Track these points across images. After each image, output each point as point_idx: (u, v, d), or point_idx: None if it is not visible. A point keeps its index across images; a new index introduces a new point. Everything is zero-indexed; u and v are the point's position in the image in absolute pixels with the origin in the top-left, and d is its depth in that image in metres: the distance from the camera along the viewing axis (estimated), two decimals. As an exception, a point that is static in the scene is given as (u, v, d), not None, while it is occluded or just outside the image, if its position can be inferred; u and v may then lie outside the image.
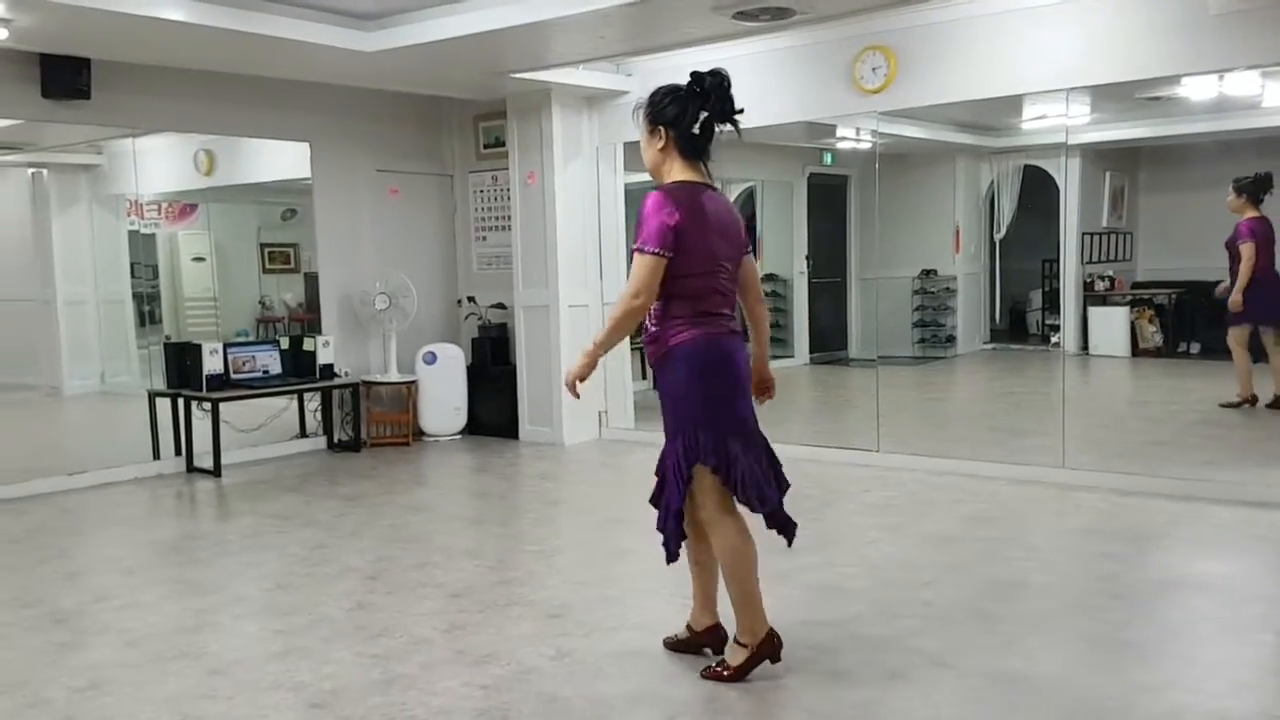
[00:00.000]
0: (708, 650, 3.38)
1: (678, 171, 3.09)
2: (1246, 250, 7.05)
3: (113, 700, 3.17)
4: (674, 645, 3.44)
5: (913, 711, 3.00)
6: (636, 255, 3.01)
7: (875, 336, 9.42)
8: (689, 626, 3.43)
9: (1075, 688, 3.13)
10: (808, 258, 10.60)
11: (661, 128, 3.10)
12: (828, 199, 10.72)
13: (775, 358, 10.59)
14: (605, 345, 3.12)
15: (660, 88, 3.14)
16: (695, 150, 3.09)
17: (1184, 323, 9.51)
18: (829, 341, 10.86)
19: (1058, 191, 8.75)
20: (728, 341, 3.11)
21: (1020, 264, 10.80)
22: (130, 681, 3.31)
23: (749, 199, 10.87)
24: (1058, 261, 9.82)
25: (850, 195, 10.80)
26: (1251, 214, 7.15)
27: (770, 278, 10.82)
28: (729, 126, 3.10)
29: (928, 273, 10.79)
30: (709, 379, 3.08)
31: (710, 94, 3.04)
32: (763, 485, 3.15)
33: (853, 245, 10.93)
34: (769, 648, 3.19)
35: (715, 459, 3.08)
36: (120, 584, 4.40)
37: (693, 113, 3.04)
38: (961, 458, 6.21)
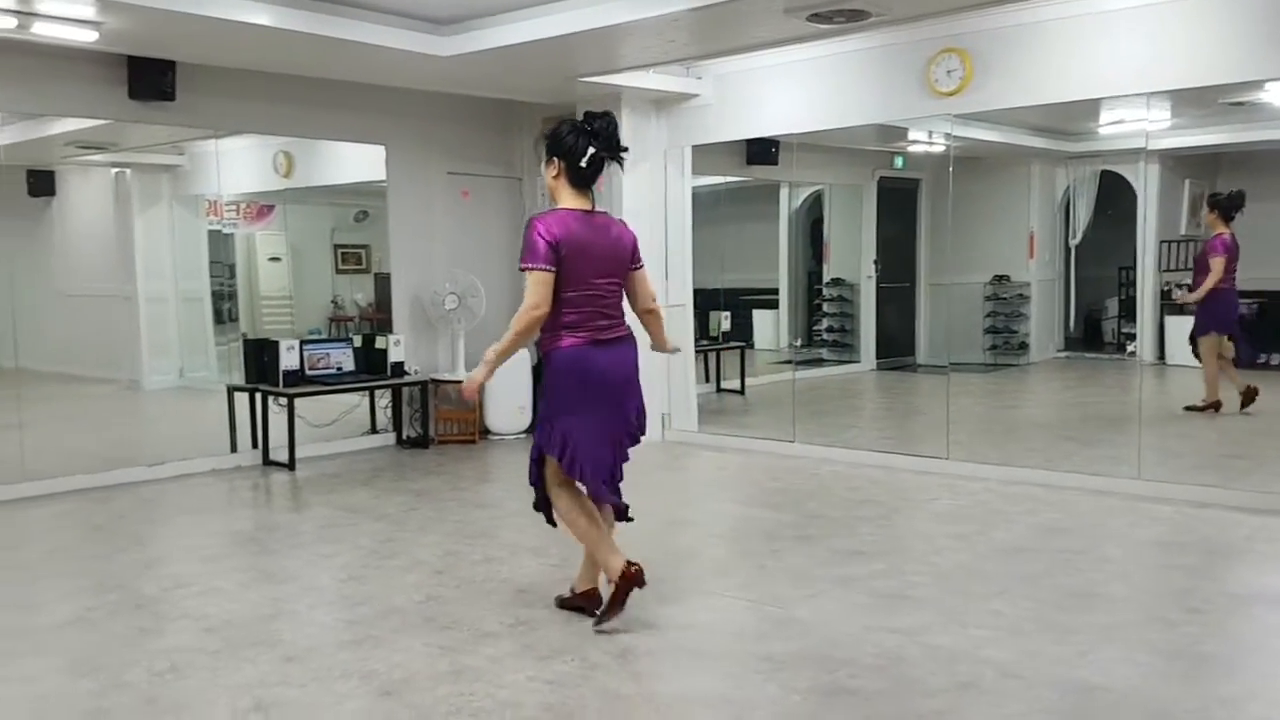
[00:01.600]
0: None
1: (566, 197, 3.57)
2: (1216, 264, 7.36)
3: (191, 684, 3.26)
4: (562, 603, 3.88)
5: (982, 721, 2.96)
6: (527, 274, 3.47)
7: (945, 343, 9.29)
8: (571, 588, 3.88)
9: (1150, 700, 3.06)
10: (876, 262, 10.50)
11: (555, 158, 3.56)
12: (898, 203, 10.60)
13: (842, 363, 10.65)
14: (505, 353, 3.61)
15: (560, 122, 3.59)
16: (581, 180, 3.56)
17: (1264, 333, 9.21)
18: (896, 347, 10.72)
19: (1135, 198, 8.53)
20: (593, 350, 3.59)
21: (1096, 271, 10.55)
22: (208, 667, 3.41)
23: (816, 202, 10.80)
24: (1134, 269, 9.57)
25: (921, 199, 10.66)
26: (1222, 230, 7.45)
27: (837, 282, 10.75)
28: (615, 163, 3.59)
29: (1000, 278, 10.60)
30: (570, 381, 3.60)
31: (599, 133, 3.50)
32: (600, 474, 3.70)
33: (923, 250, 10.78)
34: (631, 578, 3.60)
35: (558, 450, 3.62)
36: (198, 572, 4.53)
37: (581, 147, 3.49)
38: (1034, 467, 6.10)
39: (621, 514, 3.89)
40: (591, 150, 3.48)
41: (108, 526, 5.32)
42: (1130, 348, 9.65)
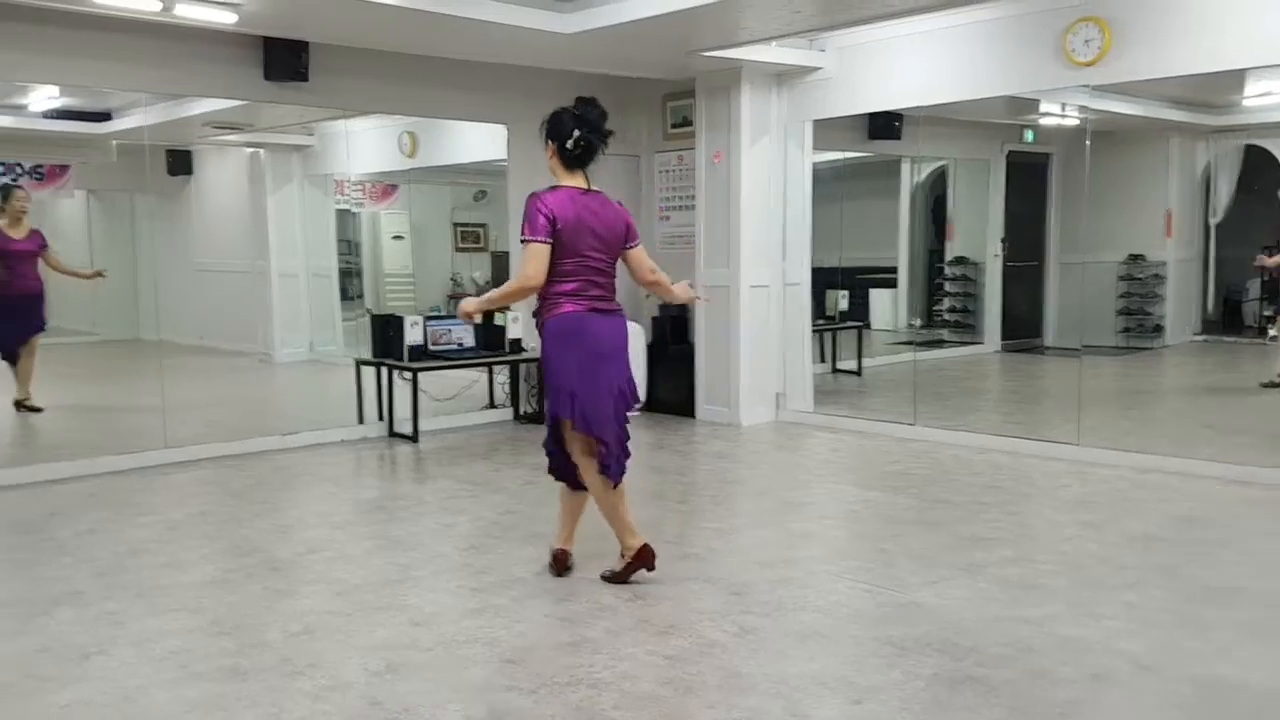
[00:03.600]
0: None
1: (562, 176, 3.86)
2: None
3: (325, 646, 3.39)
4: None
5: (1118, 715, 2.85)
6: (525, 245, 3.75)
7: (1078, 324, 8.93)
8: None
9: (1302, 704, 2.90)
10: (1003, 240, 10.16)
11: (550, 141, 3.87)
12: (1026, 178, 10.22)
13: (964, 344, 10.36)
14: (493, 303, 4.05)
15: (557, 110, 3.88)
16: (572, 161, 3.84)
17: None
18: (1023, 328, 10.38)
19: (1282, 174, 8.05)
20: (588, 317, 3.84)
21: (1237, 251, 9.98)
22: (340, 629, 3.54)
23: (939, 178, 10.50)
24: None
25: (1051, 174, 10.26)
26: None
27: (960, 260, 10.44)
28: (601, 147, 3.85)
29: (1135, 258, 10.15)
30: (570, 344, 3.84)
31: (585, 120, 3.81)
32: (605, 424, 3.87)
33: (1052, 227, 10.39)
34: (643, 559, 3.90)
35: (568, 410, 3.86)
36: (329, 538, 4.70)
37: (568, 131, 3.80)
38: (1169, 454, 5.83)
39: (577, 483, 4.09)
40: (577, 134, 3.78)
41: (245, 493, 5.56)
42: (1272, 331, 9.12)
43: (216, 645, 3.37)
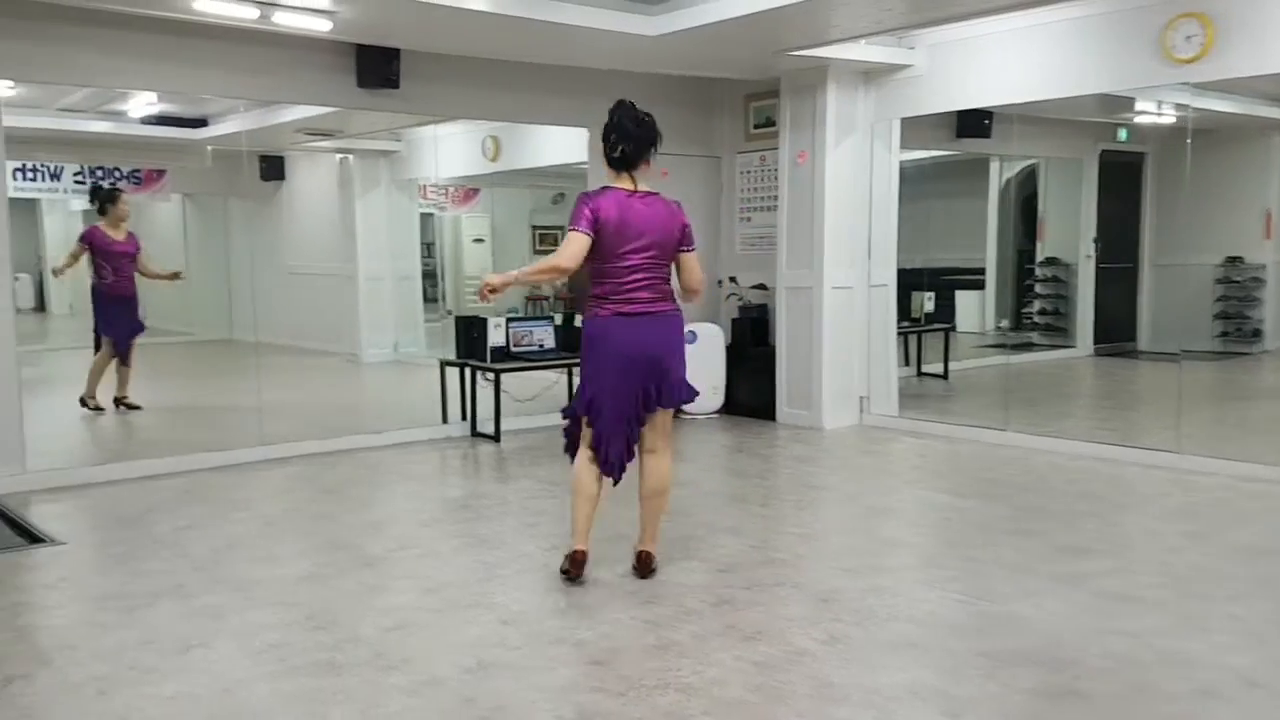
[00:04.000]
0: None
1: (610, 177, 3.95)
2: None
3: (417, 641, 3.43)
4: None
5: (1230, 735, 2.74)
6: (569, 233, 3.84)
7: (1175, 328, 8.64)
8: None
9: None
10: (1096, 241, 9.88)
11: (602, 144, 3.97)
12: (1119, 178, 9.92)
13: (1054, 347, 10.08)
14: (520, 280, 4.03)
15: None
16: (616, 164, 3.93)
17: None
18: (1116, 331, 10.08)
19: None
20: (617, 322, 3.90)
21: (1342, 253, 9.58)
22: (432, 625, 3.58)
23: (1029, 177, 10.26)
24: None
25: (1146, 174, 9.95)
26: None
27: (1051, 262, 10.18)
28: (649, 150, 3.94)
29: (1232, 260, 9.79)
30: (596, 350, 3.95)
31: (618, 126, 3.90)
32: (610, 428, 3.94)
33: (1147, 228, 10.07)
34: (570, 560, 3.98)
35: (584, 409, 3.97)
36: (418, 535, 4.77)
37: (610, 139, 3.91)
38: (1272, 463, 5.58)
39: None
40: (613, 137, 3.89)
41: (336, 490, 5.68)
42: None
43: (312, 639, 3.44)
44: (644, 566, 4.06)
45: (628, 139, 3.88)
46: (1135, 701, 2.93)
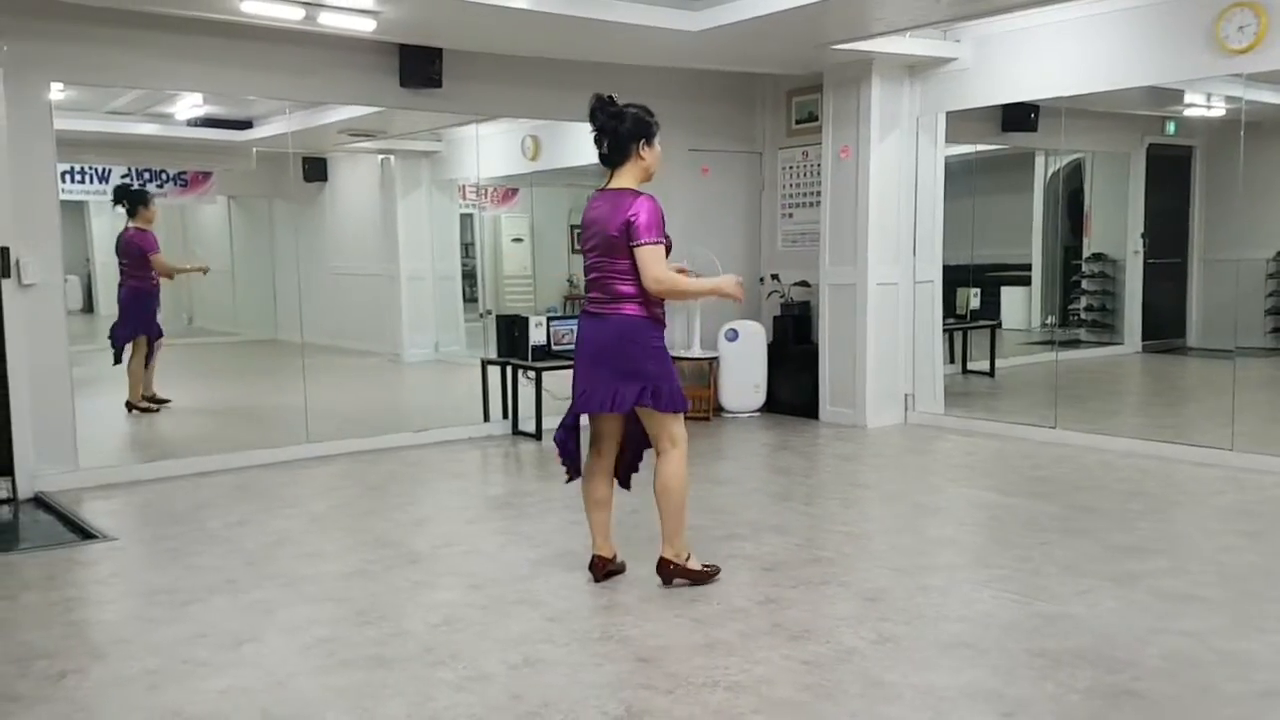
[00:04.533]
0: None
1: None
2: None
3: (464, 638, 3.44)
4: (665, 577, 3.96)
5: (1296, 739, 2.67)
6: None
7: (1226, 324, 8.43)
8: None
9: None
10: (1144, 236, 9.71)
11: None
12: (1168, 172, 9.74)
13: (1102, 344, 9.92)
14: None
15: None
16: (601, 160, 3.81)
17: None
18: (1165, 328, 9.89)
19: None
20: (583, 321, 3.89)
21: (1397, 246, 9.33)
22: (478, 621, 3.58)
23: (1075, 171, 10.09)
24: None
25: (1195, 167, 9.76)
26: None
27: (1098, 257, 10.02)
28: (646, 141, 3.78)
29: (1285, 255, 9.57)
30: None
31: (593, 120, 3.75)
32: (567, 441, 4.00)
33: (1196, 223, 9.87)
34: (592, 566, 4.02)
35: (572, 407, 3.98)
36: (463, 532, 4.78)
37: (594, 134, 3.78)
38: (1332, 462, 5.47)
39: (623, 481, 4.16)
40: (594, 134, 3.76)
41: (380, 487, 5.71)
42: None
43: (361, 634, 3.46)
44: (660, 572, 3.92)
45: (603, 134, 3.75)
46: (1195, 703, 2.86)
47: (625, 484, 4.15)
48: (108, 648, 3.41)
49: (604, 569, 3.99)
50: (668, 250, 3.77)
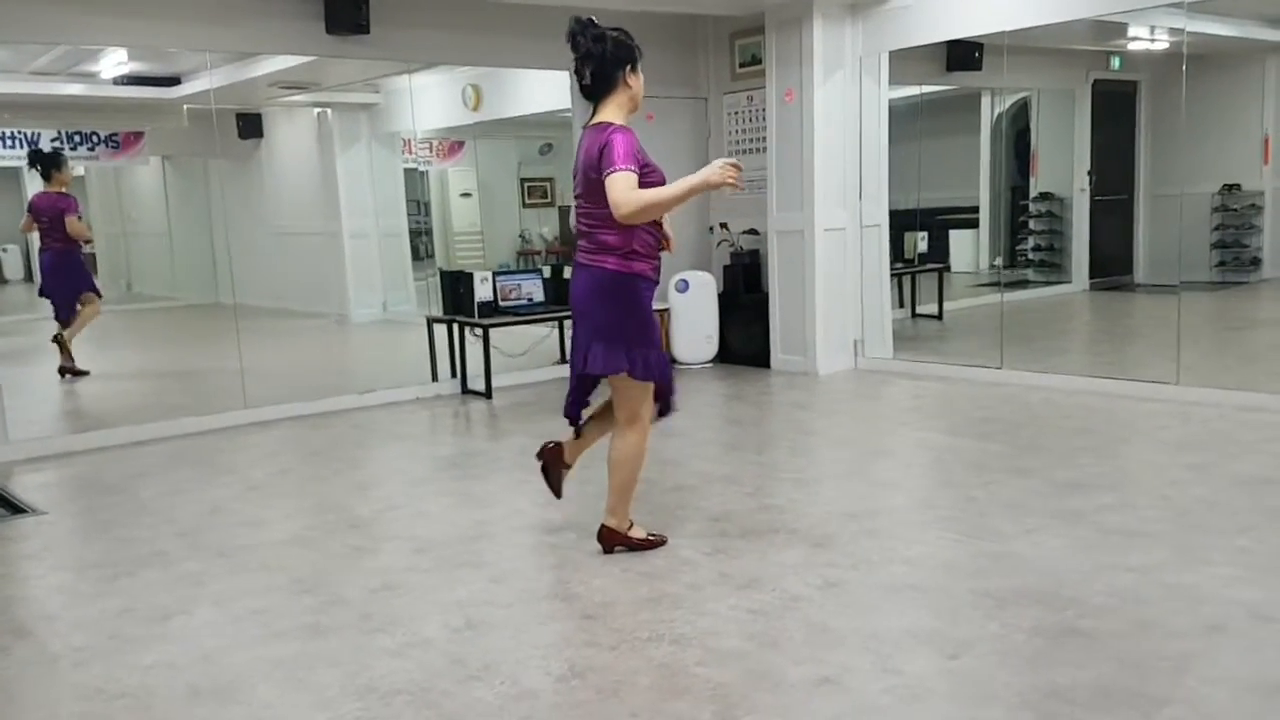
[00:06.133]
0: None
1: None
2: None
3: (404, 602, 3.36)
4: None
5: (1237, 668, 2.67)
6: None
7: (1173, 260, 8.50)
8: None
9: None
10: (1090, 173, 9.72)
11: None
12: (1113, 108, 9.75)
13: (1049, 284, 9.96)
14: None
15: None
16: (584, 94, 3.51)
17: None
18: (1112, 265, 9.96)
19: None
20: (574, 269, 3.58)
21: (1341, 177, 9.44)
22: (420, 585, 3.50)
23: (1021, 110, 10.07)
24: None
25: (1140, 103, 9.77)
26: None
27: (1045, 197, 10.04)
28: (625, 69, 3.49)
29: (1230, 188, 9.65)
30: None
31: (576, 46, 3.44)
32: (572, 388, 3.68)
33: (1142, 159, 9.91)
34: (541, 453, 3.91)
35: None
36: (408, 494, 4.68)
37: (573, 64, 3.47)
38: (1274, 392, 5.51)
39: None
40: (575, 62, 3.47)
41: (324, 451, 5.59)
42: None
43: (297, 603, 3.36)
44: (600, 540, 3.72)
45: (586, 61, 3.41)
46: (1140, 639, 2.86)
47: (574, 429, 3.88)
48: (33, 624, 3.30)
49: (554, 457, 3.87)
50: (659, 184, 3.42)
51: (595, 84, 3.44)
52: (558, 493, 3.94)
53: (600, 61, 3.41)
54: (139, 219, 9.57)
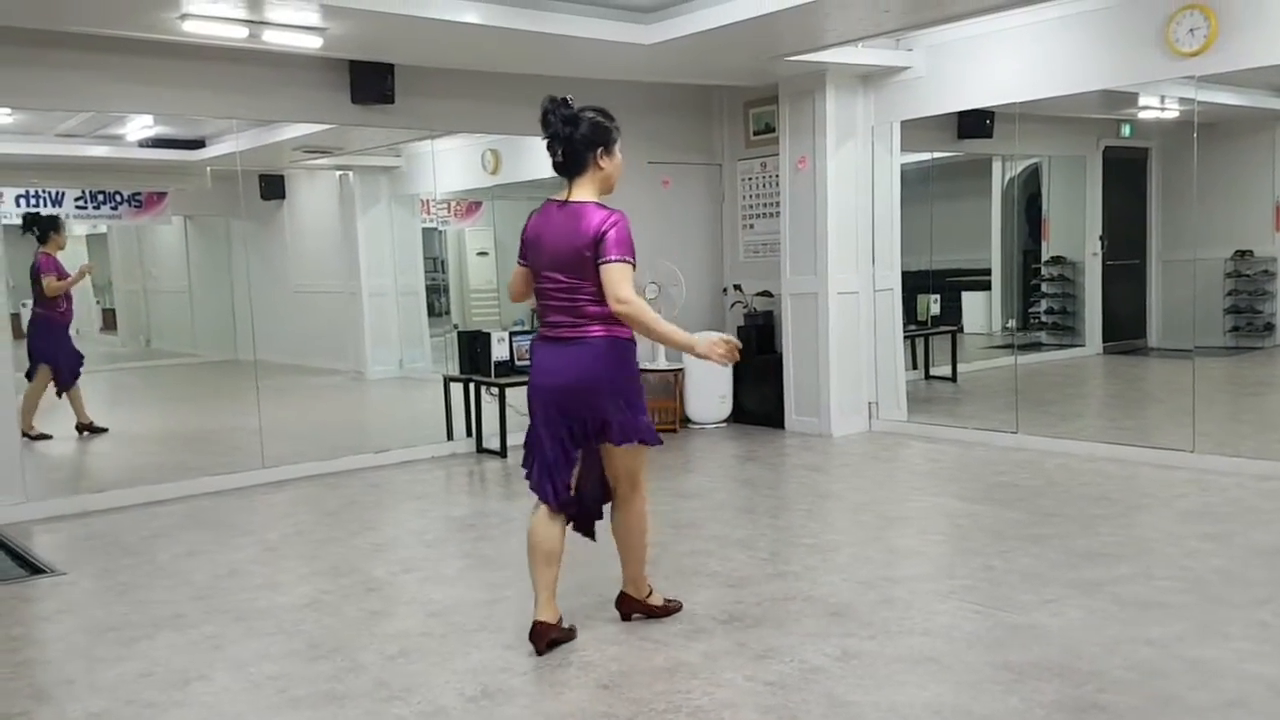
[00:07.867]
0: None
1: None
2: None
3: (419, 668, 3.35)
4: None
5: (1260, 749, 2.65)
6: None
7: (1186, 324, 8.52)
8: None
9: None
10: (1102, 238, 9.78)
11: None
12: (1124, 174, 9.83)
13: (1063, 346, 9.98)
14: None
15: None
16: (557, 170, 3.49)
17: None
18: (1125, 329, 9.97)
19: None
20: (540, 347, 3.51)
21: (1354, 242, 9.47)
22: (435, 651, 3.50)
23: (1033, 175, 10.16)
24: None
25: (1151, 169, 9.86)
26: None
27: (1057, 260, 10.09)
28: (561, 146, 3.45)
29: (1242, 254, 9.68)
30: (530, 379, 3.57)
31: (548, 126, 3.46)
32: (542, 478, 3.52)
33: (1154, 224, 9.97)
34: (532, 634, 3.44)
35: (525, 445, 3.61)
36: (423, 556, 4.69)
37: (546, 143, 3.48)
38: (1294, 461, 5.50)
39: (582, 528, 3.72)
40: (547, 140, 3.46)
41: (340, 511, 5.61)
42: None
43: (314, 669, 3.36)
44: (619, 607, 3.71)
45: (556, 141, 3.41)
46: (1161, 714, 2.84)
47: (589, 532, 3.74)
48: (53, 689, 3.30)
49: (547, 638, 3.42)
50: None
51: (567, 163, 3.43)
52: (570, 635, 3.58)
53: (568, 142, 3.40)
54: (160, 276, 9.70)
